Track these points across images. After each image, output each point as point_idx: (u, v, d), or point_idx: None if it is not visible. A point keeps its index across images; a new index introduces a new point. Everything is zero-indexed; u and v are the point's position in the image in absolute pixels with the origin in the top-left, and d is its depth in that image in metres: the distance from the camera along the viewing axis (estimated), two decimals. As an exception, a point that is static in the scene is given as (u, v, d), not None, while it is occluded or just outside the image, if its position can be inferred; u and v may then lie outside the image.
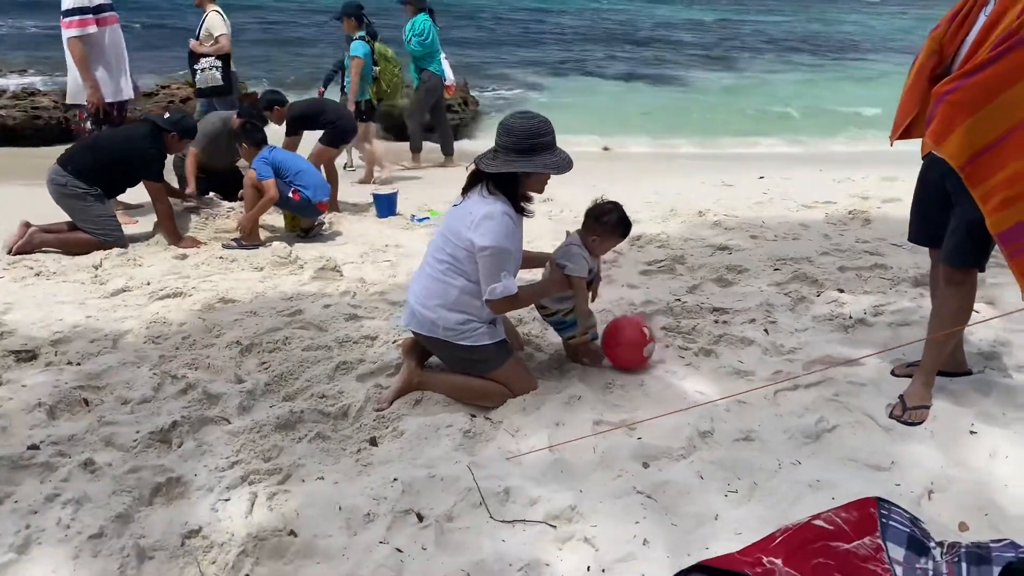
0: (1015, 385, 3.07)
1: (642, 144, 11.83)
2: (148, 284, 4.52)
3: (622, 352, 3.32)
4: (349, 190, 7.33)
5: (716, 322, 3.79)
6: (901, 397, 2.97)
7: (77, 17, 5.77)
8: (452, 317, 2.99)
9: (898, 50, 22.09)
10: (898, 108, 2.92)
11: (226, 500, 2.47)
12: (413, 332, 3.15)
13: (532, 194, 3.06)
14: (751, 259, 4.75)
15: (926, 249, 3.14)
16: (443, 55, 8.86)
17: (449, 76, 9.00)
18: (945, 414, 2.89)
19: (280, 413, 2.94)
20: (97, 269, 4.83)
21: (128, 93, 6.26)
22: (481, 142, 11.80)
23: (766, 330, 3.68)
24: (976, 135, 2.58)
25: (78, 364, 3.38)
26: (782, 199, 6.59)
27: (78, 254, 5.13)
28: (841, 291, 4.18)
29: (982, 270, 2.84)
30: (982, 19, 2.61)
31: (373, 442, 2.81)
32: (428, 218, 6.30)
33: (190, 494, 2.52)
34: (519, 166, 2.86)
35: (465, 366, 3.10)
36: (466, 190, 3.03)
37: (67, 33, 5.81)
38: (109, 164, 5.34)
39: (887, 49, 23.39)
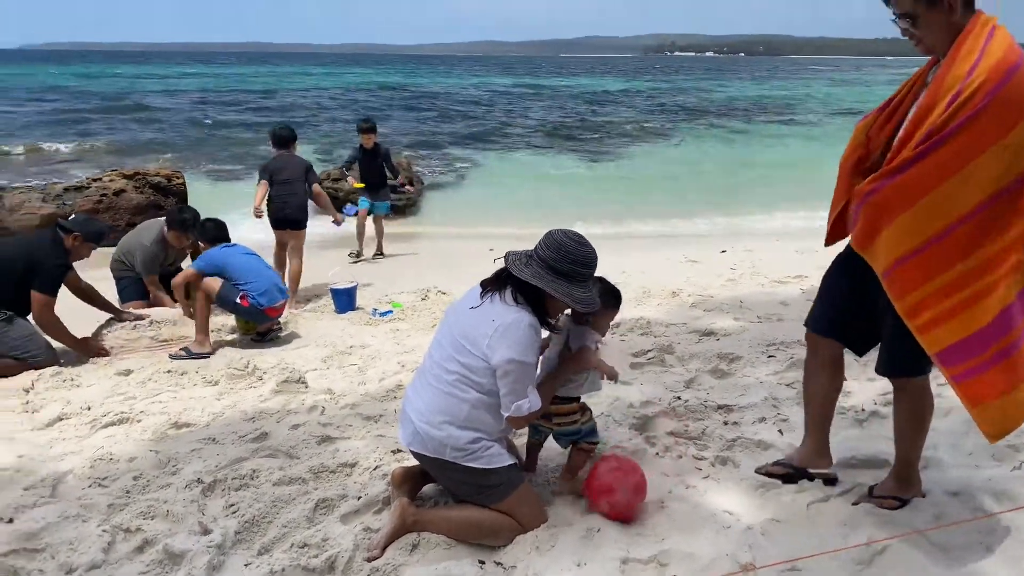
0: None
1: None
2: (88, 409, 4.04)
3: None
4: (303, 283, 6.92)
5: (725, 423, 3.52)
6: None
7: None
8: (463, 436, 2.64)
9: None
10: (830, 206, 2.63)
11: None
12: (415, 454, 2.79)
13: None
14: (741, 345, 4.53)
15: None
16: None
17: None
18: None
19: (258, 575, 2.51)
20: (28, 393, 4.33)
21: None
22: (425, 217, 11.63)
23: (780, 431, 3.42)
24: (897, 241, 2.28)
25: (10, 521, 2.90)
26: (752, 275, 6.47)
27: (6, 376, 4.61)
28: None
29: (926, 373, 2.59)
30: (913, 111, 2.33)
31: (372, 606, 2.41)
32: (391, 311, 5.95)
33: None
34: (552, 287, 2.60)
35: (472, 493, 2.74)
36: (487, 289, 2.73)
37: None
38: (10, 280, 4.70)
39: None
